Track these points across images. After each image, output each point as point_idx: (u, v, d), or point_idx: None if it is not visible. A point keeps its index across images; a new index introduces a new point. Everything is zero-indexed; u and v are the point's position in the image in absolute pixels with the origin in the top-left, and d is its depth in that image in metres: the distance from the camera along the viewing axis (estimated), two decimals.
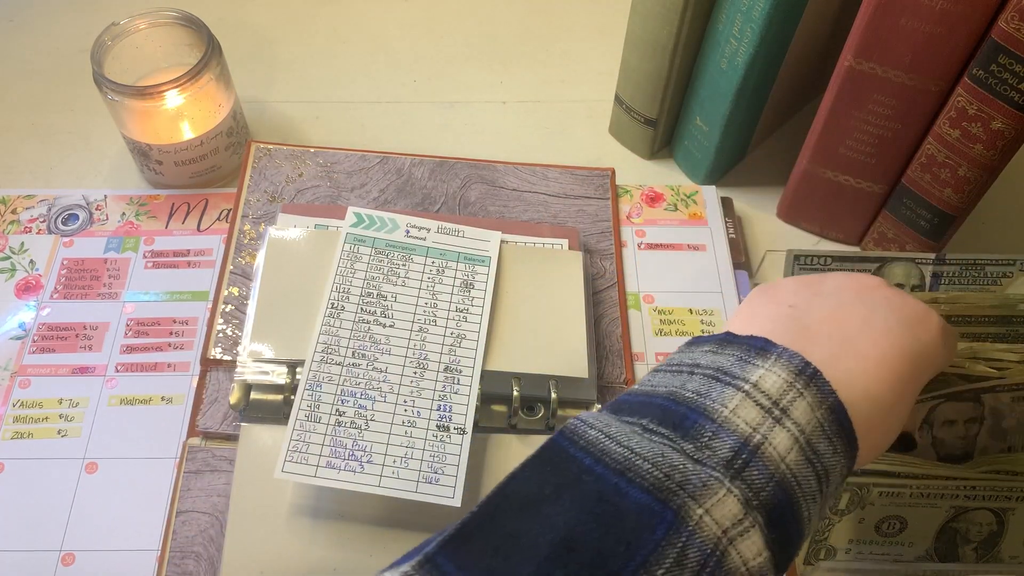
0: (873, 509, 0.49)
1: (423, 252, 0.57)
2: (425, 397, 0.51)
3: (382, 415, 0.50)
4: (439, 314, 0.54)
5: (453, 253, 0.57)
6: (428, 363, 0.52)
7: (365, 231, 0.57)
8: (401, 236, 0.57)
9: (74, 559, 0.49)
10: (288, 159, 0.64)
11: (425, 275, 0.56)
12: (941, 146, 0.55)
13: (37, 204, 0.64)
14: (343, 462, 0.48)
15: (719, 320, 0.60)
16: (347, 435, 0.49)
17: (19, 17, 0.77)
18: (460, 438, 0.50)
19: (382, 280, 0.55)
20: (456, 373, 0.52)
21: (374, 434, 0.49)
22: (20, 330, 0.58)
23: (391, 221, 0.58)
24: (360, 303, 0.54)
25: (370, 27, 0.78)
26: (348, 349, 0.52)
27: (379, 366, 0.52)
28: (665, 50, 0.61)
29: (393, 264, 0.56)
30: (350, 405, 0.50)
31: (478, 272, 0.56)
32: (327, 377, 0.51)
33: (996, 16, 0.49)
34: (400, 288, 0.55)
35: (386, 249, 0.56)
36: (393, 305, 0.54)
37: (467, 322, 0.54)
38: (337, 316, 0.53)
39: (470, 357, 0.53)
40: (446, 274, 0.56)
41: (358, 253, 0.56)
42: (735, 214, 0.66)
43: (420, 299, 0.55)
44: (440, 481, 0.48)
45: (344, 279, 0.55)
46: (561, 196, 0.65)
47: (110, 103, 0.60)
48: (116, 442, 0.54)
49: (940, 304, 0.53)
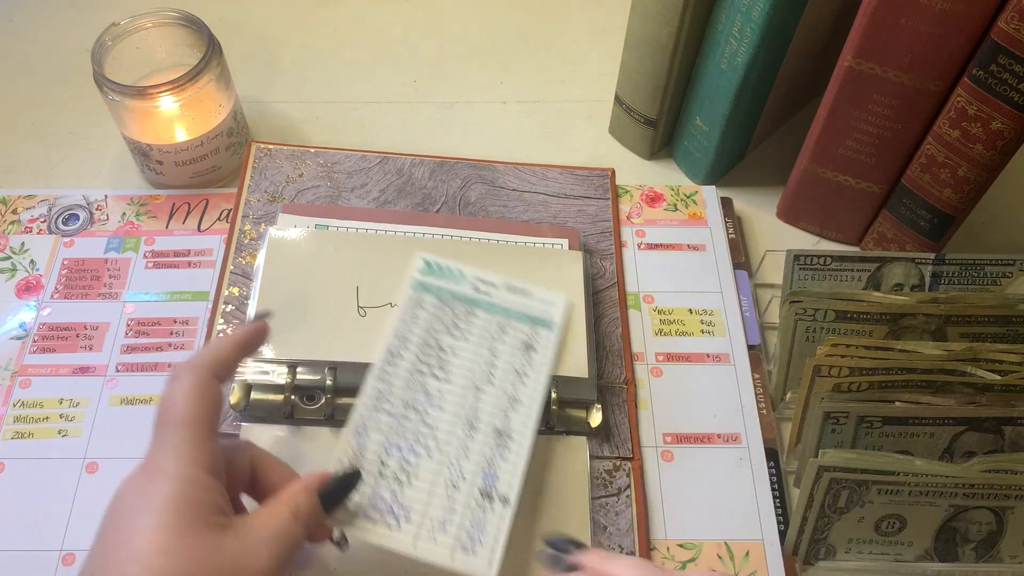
0: (872, 507, 0.49)
1: (487, 308, 0.54)
2: (472, 460, 0.50)
3: (426, 472, 0.49)
4: (496, 374, 0.52)
5: (517, 312, 0.55)
6: (479, 424, 0.51)
7: (433, 280, 0.55)
8: (467, 289, 0.55)
9: (75, 559, 0.49)
10: (288, 159, 0.64)
11: (487, 331, 0.54)
12: (941, 146, 0.55)
13: (37, 204, 0.64)
14: (380, 515, 0.47)
15: (719, 320, 0.60)
16: (388, 488, 0.48)
17: (19, 17, 0.77)
18: (503, 508, 0.48)
19: (443, 332, 0.53)
20: (507, 438, 0.51)
21: (416, 491, 0.48)
22: (21, 330, 0.58)
23: (459, 272, 0.55)
24: (418, 353, 0.52)
25: (370, 27, 0.78)
26: (400, 399, 0.51)
27: (429, 421, 0.50)
28: (665, 50, 0.61)
29: (456, 316, 0.54)
30: (395, 457, 0.49)
31: (541, 335, 0.54)
32: (375, 425, 0.50)
33: (996, 16, 0.49)
34: (460, 342, 0.53)
35: (450, 300, 0.54)
36: (451, 359, 0.52)
37: (524, 386, 0.52)
38: (394, 363, 0.51)
39: (523, 423, 0.51)
40: (508, 333, 0.54)
41: (422, 302, 0.54)
42: (735, 214, 0.66)
43: (479, 356, 0.53)
44: (477, 552, 0.46)
45: (405, 326, 0.53)
46: (561, 196, 0.65)
47: (110, 103, 0.60)
48: (117, 442, 0.54)
49: (940, 304, 0.53)
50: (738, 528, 0.52)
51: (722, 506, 0.53)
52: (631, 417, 0.55)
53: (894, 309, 0.53)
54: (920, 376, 0.50)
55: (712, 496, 0.53)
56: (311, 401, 0.52)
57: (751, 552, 0.51)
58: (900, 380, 0.50)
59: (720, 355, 0.59)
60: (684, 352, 0.59)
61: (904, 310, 0.53)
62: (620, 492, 0.52)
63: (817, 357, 0.50)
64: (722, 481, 0.54)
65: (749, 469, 0.54)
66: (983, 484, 0.48)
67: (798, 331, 0.55)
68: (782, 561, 0.51)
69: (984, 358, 0.50)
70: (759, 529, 0.52)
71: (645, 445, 0.55)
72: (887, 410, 0.50)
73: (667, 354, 0.59)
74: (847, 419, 0.50)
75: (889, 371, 0.50)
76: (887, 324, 0.54)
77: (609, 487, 0.52)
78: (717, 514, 0.53)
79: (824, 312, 0.54)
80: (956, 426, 0.50)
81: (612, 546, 0.50)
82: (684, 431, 0.56)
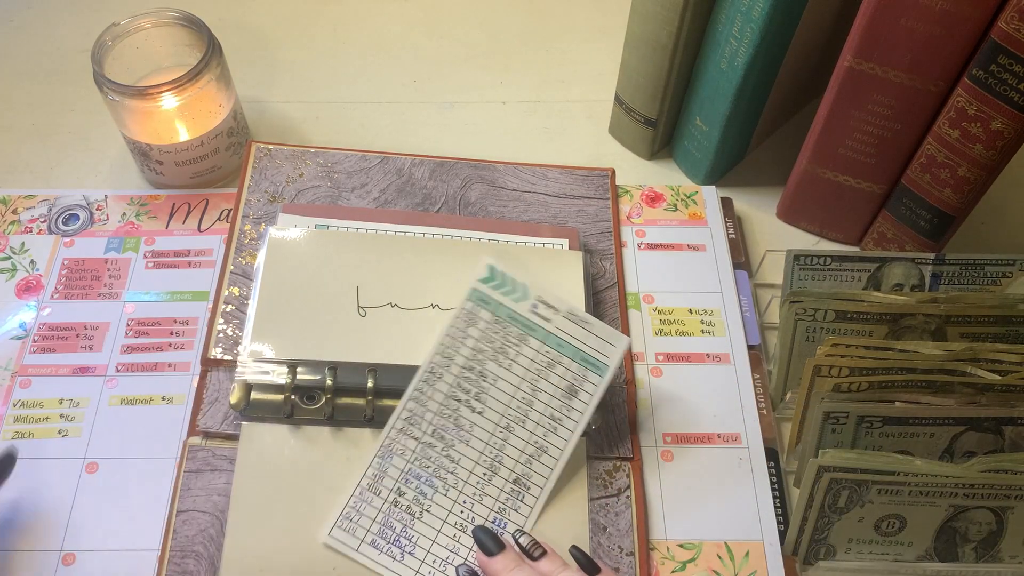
0: (872, 507, 0.49)
1: (542, 336, 0.52)
2: (485, 504, 0.50)
3: (438, 509, 0.49)
4: (531, 416, 0.51)
5: (571, 348, 0.52)
6: (500, 468, 0.50)
7: (492, 291, 0.52)
8: (526, 310, 0.52)
9: (74, 559, 0.49)
10: (289, 159, 0.64)
11: (534, 364, 0.52)
12: (941, 146, 0.55)
13: (38, 204, 0.64)
14: (387, 544, 0.48)
15: (719, 320, 0.60)
16: (399, 518, 0.48)
17: (19, 17, 0.77)
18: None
19: (489, 356, 0.51)
20: (523, 488, 0.50)
21: (425, 526, 0.49)
22: (21, 330, 0.58)
23: (522, 289, 0.52)
24: (459, 376, 0.51)
25: (370, 27, 0.78)
26: (431, 425, 0.50)
27: (453, 455, 0.50)
28: (665, 50, 0.61)
29: (507, 341, 0.52)
30: (412, 487, 0.49)
31: (589, 380, 0.52)
32: (400, 450, 0.50)
33: (996, 16, 0.49)
34: (504, 371, 0.51)
35: (505, 321, 0.52)
36: (490, 389, 0.51)
37: (556, 435, 0.51)
38: (431, 384, 0.51)
39: (543, 475, 0.51)
40: (555, 371, 0.52)
41: (476, 316, 0.52)
42: (735, 214, 0.66)
43: (519, 392, 0.51)
44: None
45: (453, 342, 0.52)
46: (561, 196, 0.65)
47: (110, 103, 0.60)
48: (116, 442, 0.54)
49: (940, 304, 0.53)
50: (738, 528, 0.52)
51: (722, 506, 0.53)
52: (631, 417, 0.55)
53: (894, 309, 0.53)
54: (920, 376, 0.50)
55: (712, 496, 0.53)
56: (311, 401, 0.52)
57: (751, 552, 0.51)
58: (900, 380, 0.50)
59: (720, 355, 0.59)
60: (684, 352, 0.59)
61: (904, 310, 0.53)
62: (620, 493, 0.52)
63: (817, 357, 0.50)
64: (722, 481, 0.54)
65: (749, 469, 0.54)
66: (983, 484, 0.48)
67: (798, 331, 0.55)
68: (782, 561, 0.51)
69: (984, 358, 0.50)
70: (759, 529, 0.52)
71: (645, 445, 0.55)
72: (887, 410, 0.50)
73: (667, 354, 0.59)
74: (847, 419, 0.50)
75: (889, 371, 0.50)
76: (887, 324, 0.54)
77: (609, 487, 0.52)
78: (717, 514, 0.53)
79: (824, 312, 0.54)
80: (956, 426, 0.50)
81: (612, 547, 0.50)
82: (684, 431, 0.56)
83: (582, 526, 0.51)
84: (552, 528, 0.50)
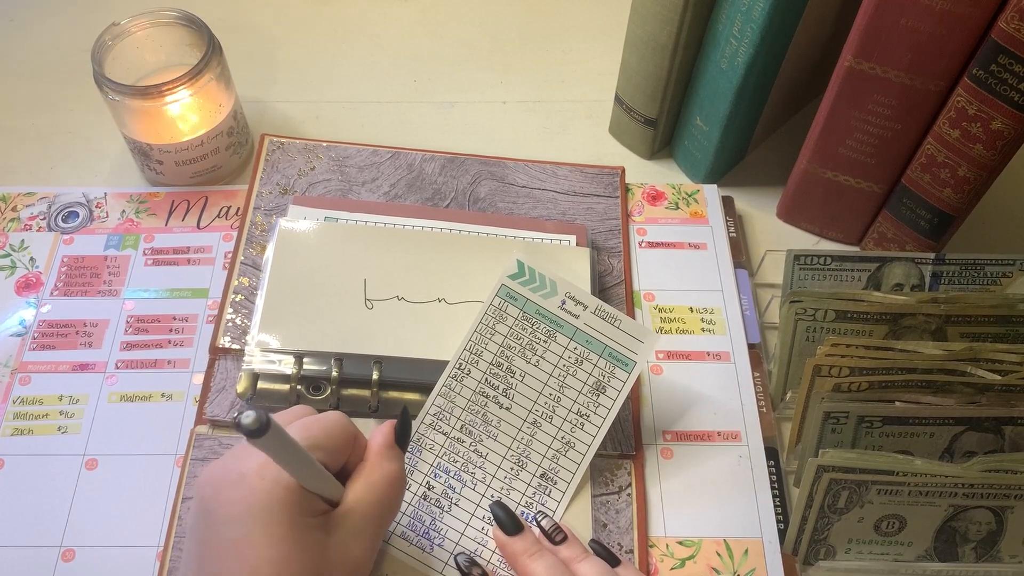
0: (872, 507, 0.49)
1: (570, 332, 0.52)
2: (512, 499, 0.50)
3: (467, 503, 0.49)
4: (558, 411, 0.51)
5: (599, 345, 0.52)
6: (527, 464, 0.51)
7: (521, 287, 0.52)
8: (555, 307, 0.52)
9: (74, 555, 0.49)
10: (300, 152, 0.65)
11: (562, 361, 0.52)
12: (941, 146, 0.55)
13: (37, 202, 0.64)
14: (416, 536, 0.48)
15: (719, 318, 0.60)
16: (428, 511, 0.49)
17: (19, 17, 0.77)
18: None
19: (517, 352, 0.52)
20: (550, 484, 0.51)
21: (454, 519, 0.49)
22: (20, 327, 0.58)
23: (551, 285, 0.52)
24: (488, 372, 0.51)
25: (370, 27, 0.79)
26: (459, 421, 0.51)
27: (481, 450, 0.50)
28: (665, 50, 0.61)
29: (535, 337, 0.52)
30: (441, 481, 0.49)
31: (616, 376, 0.52)
32: (429, 445, 0.50)
33: (996, 16, 0.49)
34: (532, 367, 0.52)
35: (534, 317, 0.52)
36: (518, 384, 0.51)
37: (582, 430, 0.51)
38: (460, 380, 0.51)
39: (570, 471, 0.51)
40: (583, 367, 0.52)
41: (505, 313, 0.52)
42: (736, 213, 0.66)
43: (547, 388, 0.51)
44: None
45: (482, 338, 0.52)
46: (570, 193, 0.65)
47: (111, 103, 0.60)
48: (116, 439, 0.54)
49: (940, 304, 0.53)
50: (737, 526, 0.52)
51: (722, 504, 0.53)
52: (634, 415, 0.55)
53: (894, 309, 0.53)
54: (920, 376, 0.50)
55: (712, 494, 0.53)
56: (317, 392, 0.53)
57: (750, 550, 0.51)
58: (900, 380, 0.50)
59: (720, 353, 0.59)
60: (685, 350, 0.59)
61: (904, 310, 0.53)
62: (621, 490, 0.52)
63: (817, 357, 0.50)
64: (722, 479, 0.54)
65: (749, 467, 0.54)
66: (983, 484, 0.48)
67: (798, 331, 0.55)
68: (781, 559, 0.51)
69: (984, 358, 0.50)
70: (758, 527, 0.52)
71: (645, 443, 0.55)
72: (887, 410, 0.50)
73: (668, 352, 0.59)
74: (847, 419, 0.50)
75: (889, 371, 0.50)
76: (887, 324, 0.54)
77: (610, 485, 0.52)
78: (717, 512, 0.53)
79: (824, 312, 0.54)
80: (956, 426, 0.50)
81: (612, 544, 0.50)
82: (684, 429, 0.56)
83: (584, 523, 0.51)
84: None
